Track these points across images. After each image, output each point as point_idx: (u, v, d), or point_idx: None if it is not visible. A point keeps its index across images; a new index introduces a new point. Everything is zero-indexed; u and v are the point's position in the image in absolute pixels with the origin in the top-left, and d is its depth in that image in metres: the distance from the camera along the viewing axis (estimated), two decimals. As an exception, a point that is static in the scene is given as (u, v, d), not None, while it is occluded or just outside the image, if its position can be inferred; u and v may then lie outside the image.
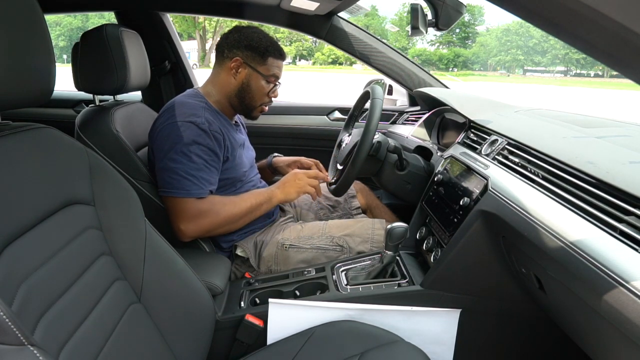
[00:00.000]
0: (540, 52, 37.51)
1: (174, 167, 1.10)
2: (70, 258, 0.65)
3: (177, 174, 1.09)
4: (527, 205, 0.76)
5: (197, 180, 1.10)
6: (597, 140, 0.88)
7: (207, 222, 1.12)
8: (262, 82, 1.22)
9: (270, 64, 1.22)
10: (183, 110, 1.14)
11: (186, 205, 1.10)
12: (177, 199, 1.10)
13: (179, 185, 1.09)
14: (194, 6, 1.80)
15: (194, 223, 1.11)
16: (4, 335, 0.45)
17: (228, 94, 1.24)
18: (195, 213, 1.10)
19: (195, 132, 1.11)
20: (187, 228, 1.10)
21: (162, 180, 1.12)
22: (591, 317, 0.64)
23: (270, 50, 1.21)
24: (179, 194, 1.10)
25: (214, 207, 1.13)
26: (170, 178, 1.10)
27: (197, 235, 1.14)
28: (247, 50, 1.20)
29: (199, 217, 1.11)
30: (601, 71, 33.77)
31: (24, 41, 0.60)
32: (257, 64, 1.21)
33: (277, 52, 1.23)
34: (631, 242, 0.57)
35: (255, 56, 1.20)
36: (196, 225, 1.11)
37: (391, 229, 0.99)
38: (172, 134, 1.11)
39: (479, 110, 1.29)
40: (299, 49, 39.26)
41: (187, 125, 1.11)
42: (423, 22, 1.38)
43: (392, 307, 0.97)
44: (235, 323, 0.98)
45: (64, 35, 32.85)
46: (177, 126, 1.11)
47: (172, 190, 1.10)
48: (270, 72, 1.22)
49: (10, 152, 0.61)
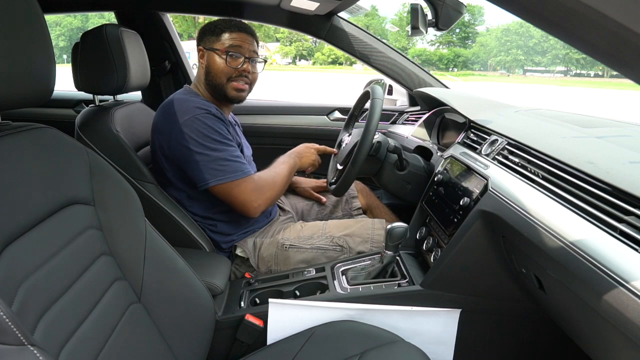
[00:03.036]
0: (540, 52, 37.52)
1: (219, 155, 1.11)
2: (70, 258, 0.65)
3: (226, 159, 1.12)
4: (527, 205, 0.76)
5: (242, 159, 1.16)
6: (597, 140, 0.88)
7: (270, 193, 1.18)
8: (221, 57, 1.20)
9: (224, 39, 1.20)
10: (192, 105, 1.14)
11: (248, 184, 1.14)
12: (237, 182, 1.12)
13: (233, 169, 1.12)
14: (194, 6, 1.80)
15: (262, 196, 1.16)
16: (4, 335, 0.45)
17: (205, 85, 1.25)
18: (258, 187, 1.15)
19: (215, 120, 1.14)
20: (259, 204, 1.15)
21: (212, 170, 1.11)
22: (591, 317, 0.64)
23: (222, 26, 1.21)
24: (238, 176, 1.12)
25: (264, 179, 1.18)
26: (220, 166, 1.11)
27: (266, 208, 1.19)
28: (205, 36, 1.23)
29: (262, 190, 1.16)
30: (601, 71, 33.77)
31: (24, 41, 0.60)
32: (213, 43, 1.21)
33: (233, 26, 1.21)
34: (631, 242, 0.57)
35: (210, 37, 1.22)
36: (264, 198, 1.16)
37: (391, 229, 0.99)
38: (198, 127, 1.11)
39: (479, 110, 1.29)
40: (299, 49, 39.25)
41: (206, 116, 1.13)
42: (423, 22, 1.38)
43: (392, 307, 0.97)
44: (235, 323, 0.98)
45: (64, 35, 32.87)
46: (198, 119, 1.12)
47: (229, 175, 1.12)
48: (226, 44, 1.20)
49: (10, 152, 0.61)
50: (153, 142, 1.21)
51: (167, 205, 1.16)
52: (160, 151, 1.18)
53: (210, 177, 1.11)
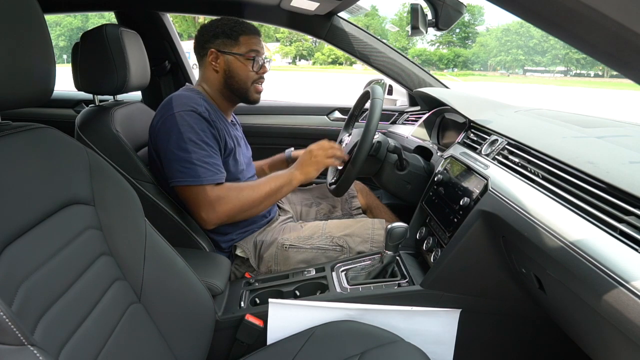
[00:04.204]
0: (540, 52, 37.51)
1: (185, 156, 1.08)
2: (70, 258, 0.65)
3: (190, 162, 1.08)
4: (527, 205, 0.76)
5: (210, 166, 1.10)
6: (597, 140, 0.88)
7: (227, 208, 1.11)
8: (243, 62, 1.20)
9: (243, 42, 1.20)
10: (182, 102, 1.13)
11: (204, 192, 1.09)
12: (194, 188, 1.09)
13: (194, 173, 1.08)
14: (194, 6, 1.80)
15: (215, 210, 1.10)
16: (4, 335, 0.45)
17: (218, 88, 1.24)
18: (214, 199, 1.09)
19: (198, 120, 1.11)
20: (208, 216, 1.10)
21: (175, 171, 1.10)
22: (591, 317, 0.64)
23: (238, 30, 1.20)
24: (195, 182, 1.08)
25: (231, 192, 1.12)
26: (183, 167, 1.09)
27: (220, 222, 1.13)
28: (217, 39, 1.21)
29: (219, 203, 1.10)
30: (601, 71, 33.76)
31: (24, 41, 0.60)
32: (231, 47, 1.20)
33: (247, 29, 1.21)
34: (631, 242, 0.57)
35: (226, 41, 1.20)
36: (217, 212, 1.10)
37: (391, 229, 0.99)
38: (176, 124, 1.10)
39: (479, 110, 1.29)
40: (299, 49, 39.24)
41: (190, 114, 1.11)
42: (423, 22, 1.38)
43: (392, 307, 0.97)
44: (235, 323, 0.98)
45: (64, 35, 32.86)
46: (180, 116, 1.10)
47: (187, 179, 1.08)
48: (247, 49, 1.20)
49: (10, 152, 0.61)
50: (149, 141, 1.21)
51: (167, 205, 1.16)
52: (153, 149, 1.18)
53: (172, 177, 1.11)
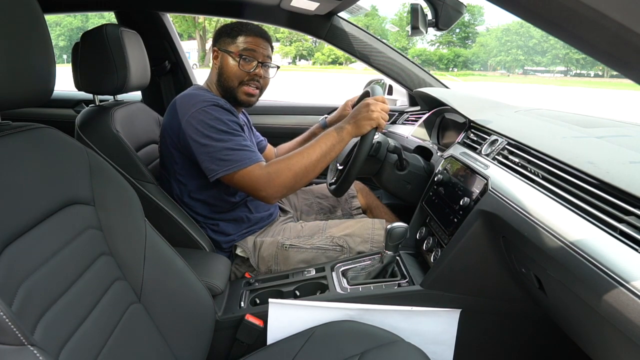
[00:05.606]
0: (540, 52, 37.50)
1: (224, 145, 1.10)
2: (70, 258, 0.65)
3: (232, 149, 1.09)
4: (527, 205, 0.76)
5: (250, 148, 1.12)
6: (597, 140, 0.88)
7: (282, 179, 1.10)
8: (234, 60, 1.21)
9: (239, 41, 1.21)
10: (201, 98, 1.14)
11: (255, 173, 1.09)
12: (244, 171, 1.09)
13: (238, 158, 1.09)
14: (194, 6, 1.80)
15: (271, 186, 1.10)
16: (4, 335, 0.45)
17: (216, 85, 1.25)
18: (267, 176, 1.09)
19: (223, 111, 1.13)
20: (268, 193, 1.10)
21: (219, 161, 1.10)
22: (591, 317, 0.64)
23: (239, 29, 1.22)
24: (243, 165, 1.09)
25: (281, 164, 1.11)
26: (227, 156, 1.09)
27: (281, 195, 1.13)
28: (221, 38, 1.23)
29: (273, 178, 1.09)
30: (601, 71, 33.75)
31: (24, 41, 0.60)
32: (228, 45, 1.22)
33: (249, 30, 1.22)
34: (631, 242, 0.57)
35: (226, 39, 1.22)
36: (275, 187, 1.10)
37: (391, 229, 0.99)
38: (205, 118, 1.10)
39: (479, 110, 1.29)
40: (299, 49, 39.22)
41: (213, 108, 1.12)
42: (423, 22, 1.38)
43: (392, 307, 0.97)
44: (235, 323, 0.98)
45: (64, 35, 32.84)
46: (205, 111, 1.11)
47: (234, 166, 1.09)
48: (240, 47, 1.21)
49: (10, 152, 0.61)
50: (163, 138, 1.21)
51: (167, 205, 1.16)
52: (171, 146, 1.18)
53: (217, 168, 1.10)
